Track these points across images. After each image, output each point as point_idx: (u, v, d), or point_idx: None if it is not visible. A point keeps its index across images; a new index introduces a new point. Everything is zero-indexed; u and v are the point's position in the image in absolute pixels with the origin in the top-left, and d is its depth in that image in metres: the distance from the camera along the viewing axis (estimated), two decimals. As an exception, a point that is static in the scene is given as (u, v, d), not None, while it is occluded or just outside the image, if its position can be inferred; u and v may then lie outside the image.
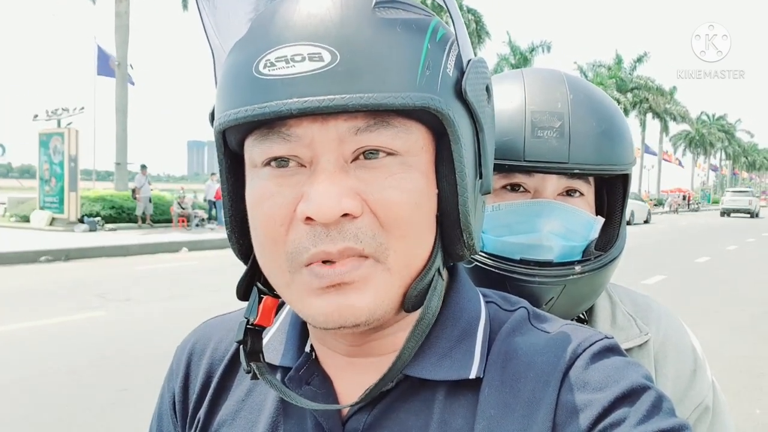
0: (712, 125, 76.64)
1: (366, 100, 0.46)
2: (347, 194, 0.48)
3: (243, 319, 0.57)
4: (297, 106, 0.46)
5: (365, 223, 0.48)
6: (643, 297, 1.03)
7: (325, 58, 0.46)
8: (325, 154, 0.48)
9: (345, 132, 0.48)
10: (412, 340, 0.53)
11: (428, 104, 0.48)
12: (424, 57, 0.49)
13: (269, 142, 0.49)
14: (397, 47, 0.48)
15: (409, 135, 0.50)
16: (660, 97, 48.80)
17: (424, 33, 0.50)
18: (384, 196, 0.49)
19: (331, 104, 0.45)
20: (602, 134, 0.86)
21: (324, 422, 0.56)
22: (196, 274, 9.48)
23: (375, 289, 0.50)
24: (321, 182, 0.47)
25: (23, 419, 3.75)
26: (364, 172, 0.49)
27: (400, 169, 0.50)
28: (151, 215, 16.85)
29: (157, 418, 0.70)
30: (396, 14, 0.49)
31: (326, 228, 0.48)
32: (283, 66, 0.47)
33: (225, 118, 0.49)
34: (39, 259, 10.50)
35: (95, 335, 5.67)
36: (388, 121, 0.48)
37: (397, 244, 0.50)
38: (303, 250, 0.49)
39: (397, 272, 0.51)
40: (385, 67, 0.47)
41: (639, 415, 0.48)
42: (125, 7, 20.80)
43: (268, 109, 0.46)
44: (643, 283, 9.41)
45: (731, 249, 16.33)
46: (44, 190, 16.47)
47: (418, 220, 0.51)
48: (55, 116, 16.92)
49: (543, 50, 37.30)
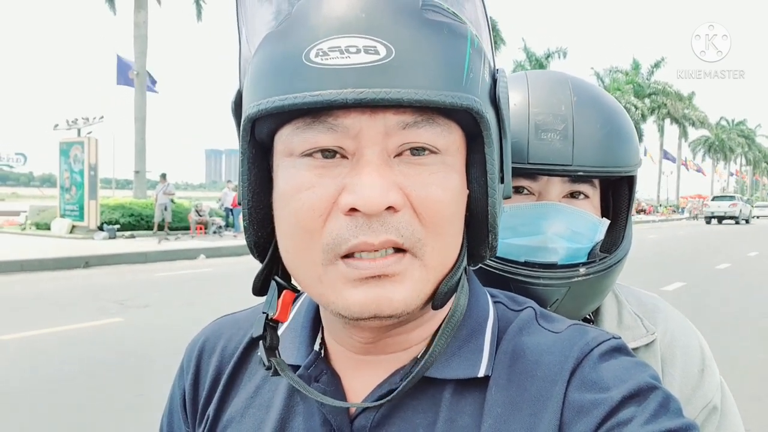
0: (732, 130, 75.69)
1: (420, 95, 0.46)
2: (392, 188, 0.48)
3: (262, 314, 0.57)
4: (353, 96, 0.46)
5: (406, 218, 0.49)
6: (649, 297, 1.02)
7: (381, 51, 0.46)
8: (371, 147, 0.48)
9: (393, 126, 0.48)
10: (442, 338, 0.54)
11: (472, 106, 0.49)
12: (468, 61, 0.50)
13: (313, 131, 0.49)
14: (446, 48, 0.49)
15: (450, 135, 0.51)
16: (678, 102, 48.34)
17: (465, 39, 0.51)
18: (427, 194, 0.49)
19: (387, 97, 0.46)
20: (606, 136, 0.86)
21: (332, 419, 0.56)
22: (214, 280, 9.54)
23: (412, 283, 0.50)
24: (368, 174, 0.47)
25: (43, 423, 3.80)
26: (408, 167, 0.49)
27: (441, 168, 0.50)
28: (170, 223, 16.97)
29: (168, 414, 0.71)
30: (440, 17, 0.50)
31: (368, 219, 0.48)
32: (337, 56, 0.47)
33: (268, 104, 0.48)
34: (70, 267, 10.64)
35: (114, 341, 5.72)
36: (433, 118, 0.49)
37: (434, 241, 0.50)
38: (342, 241, 0.49)
39: (432, 269, 0.51)
40: (436, 67, 0.48)
41: (646, 415, 0.48)
42: (144, 17, 21.11)
43: (322, 98, 0.46)
44: (662, 289, 9.29)
45: (752, 255, 16.08)
46: (65, 198, 16.70)
47: (455, 219, 0.52)
48: (75, 125, 17.16)
49: (559, 56, 37.22)
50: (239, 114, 0.55)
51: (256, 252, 0.58)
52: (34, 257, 10.90)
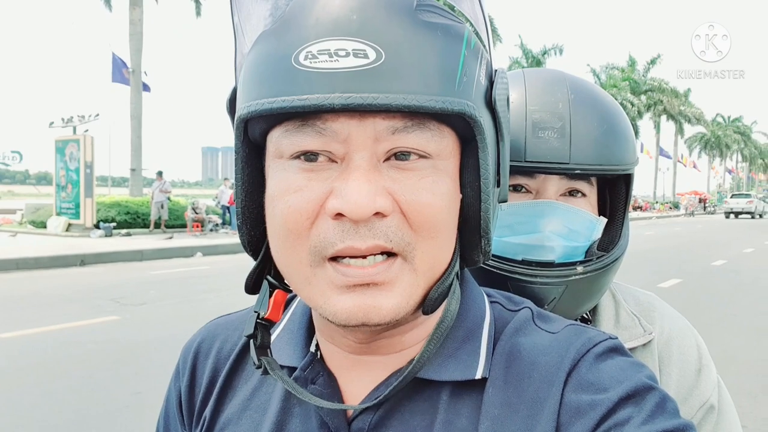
0: (728, 127, 75.88)
1: (409, 101, 0.46)
2: (380, 193, 0.47)
3: (253, 313, 0.57)
4: (340, 101, 0.45)
5: (394, 223, 0.48)
6: (646, 296, 1.02)
7: (370, 55, 0.46)
8: (359, 151, 0.48)
9: (382, 131, 0.48)
10: (432, 343, 0.53)
11: (465, 110, 0.48)
12: (462, 63, 0.49)
13: (302, 134, 0.48)
14: (439, 52, 0.48)
15: (442, 139, 0.50)
16: (674, 99, 48.48)
17: (461, 40, 0.50)
18: (416, 198, 0.49)
19: (375, 102, 0.45)
20: (603, 134, 0.86)
21: (330, 421, 0.56)
22: (210, 278, 9.53)
23: (401, 289, 0.50)
24: (356, 179, 0.47)
25: (38, 422, 3.79)
26: (397, 172, 0.49)
27: (431, 172, 0.50)
28: (166, 221, 16.94)
29: (164, 416, 0.71)
30: (436, 18, 0.50)
31: (356, 224, 0.47)
32: (326, 59, 0.46)
33: (257, 106, 0.48)
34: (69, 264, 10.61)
35: (110, 339, 5.71)
36: (424, 123, 0.49)
37: (424, 246, 0.50)
38: (329, 245, 0.48)
39: (422, 273, 0.51)
40: (427, 71, 0.47)
41: (643, 416, 0.48)
42: (139, 15, 21.04)
43: (308, 102, 0.46)
44: (658, 286, 9.32)
45: (748, 252, 16.14)
46: (60, 196, 16.65)
47: (446, 223, 0.51)
48: (70, 123, 17.13)
49: (555, 53, 37.23)
50: (234, 112, 0.55)
51: (249, 250, 0.58)
52: (29, 255, 10.87)
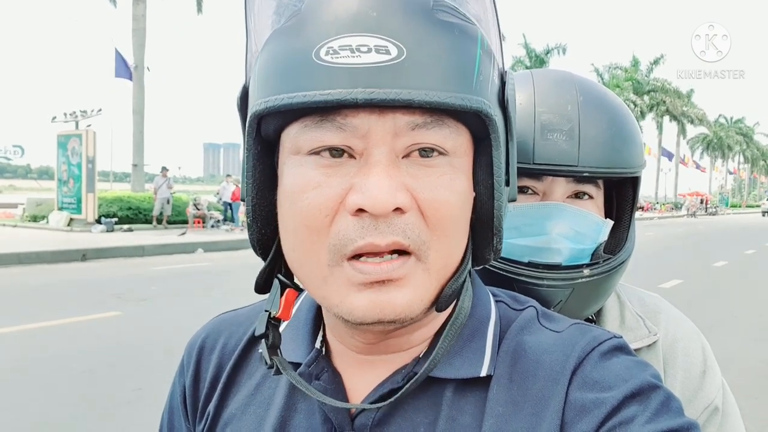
0: (730, 128, 75.80)
1: (431, 97, 0.46)
2: (400, 188, 0.48)
3: (264, 312, 0.57)
4: (363, 96, 0.45)
5: (412, 220, 0.48)
6: (652, 297, 1.02)
7: (392, 51, 0.46)
8: (379, 147, 0.48)
9: (402, 127, 0.48)
10: (446, 340, 0.53)
11: (482, 108, 0.48)
12: (478, 63, 0.50)
13: (322, 130, 0.48)
14: (457, 50, 0.48)
15: (458, 136, 0.50)
16: (677, 99, 48.40)
17: (476, 40, 0.51)
18: (435, 196, 0.49)
19: (398, 98, 0.45)
20: (612, 137, 0.85)
21: (333, 417, 0.56)
22: (212, 274, 9.54)
23: (415, 287, 0.50)
24: (376, 174, 0.47)
25: (39, 417, 3.80)
26: (416, 169, 0.49)
27: (449, 169, 0.50)
28: (169, 216, 16.97)
29: (168, 412, 0.71)
30: (451, 18, 0.50)
31: (375, 220, 0.47)
32: (348, 55, 0.46)
33: (276, 102, 0.48)
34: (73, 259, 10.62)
35: (111, 335, 5.72)
36: (443, 120, 0.49)
37: (439, 244, 0.50)
38: (349, 242, 0.48)
39: (435, 272, 0.51)
40: (446, 68, 0.47)
41: (648, 414, 0.48)
42: (142, 10, 21.03)
43: (331, 96, 0.45)
44: (659, 287, 9.31)
45: (749, 253, 16.12)
46: (62, 191, 16.68)
47: (461, 221, 0.52)
48: (73, 118, 17.14)
49: (559, 52, 37.22)
50: (245, 110, 0.55)
51: (259, 249, 0.57)
52: (30, 250, 10.87)
